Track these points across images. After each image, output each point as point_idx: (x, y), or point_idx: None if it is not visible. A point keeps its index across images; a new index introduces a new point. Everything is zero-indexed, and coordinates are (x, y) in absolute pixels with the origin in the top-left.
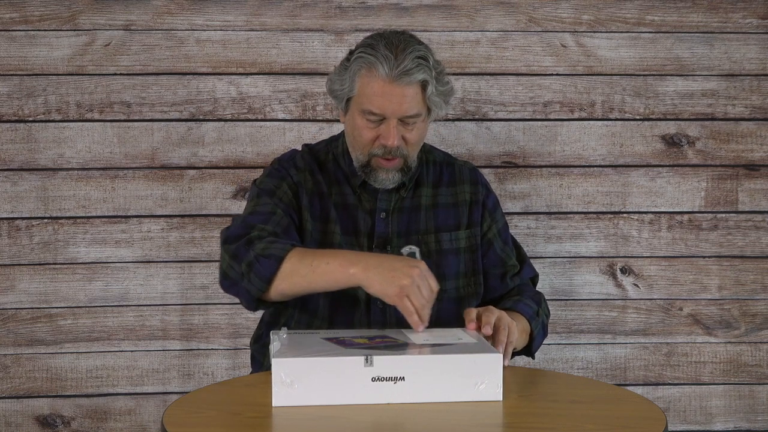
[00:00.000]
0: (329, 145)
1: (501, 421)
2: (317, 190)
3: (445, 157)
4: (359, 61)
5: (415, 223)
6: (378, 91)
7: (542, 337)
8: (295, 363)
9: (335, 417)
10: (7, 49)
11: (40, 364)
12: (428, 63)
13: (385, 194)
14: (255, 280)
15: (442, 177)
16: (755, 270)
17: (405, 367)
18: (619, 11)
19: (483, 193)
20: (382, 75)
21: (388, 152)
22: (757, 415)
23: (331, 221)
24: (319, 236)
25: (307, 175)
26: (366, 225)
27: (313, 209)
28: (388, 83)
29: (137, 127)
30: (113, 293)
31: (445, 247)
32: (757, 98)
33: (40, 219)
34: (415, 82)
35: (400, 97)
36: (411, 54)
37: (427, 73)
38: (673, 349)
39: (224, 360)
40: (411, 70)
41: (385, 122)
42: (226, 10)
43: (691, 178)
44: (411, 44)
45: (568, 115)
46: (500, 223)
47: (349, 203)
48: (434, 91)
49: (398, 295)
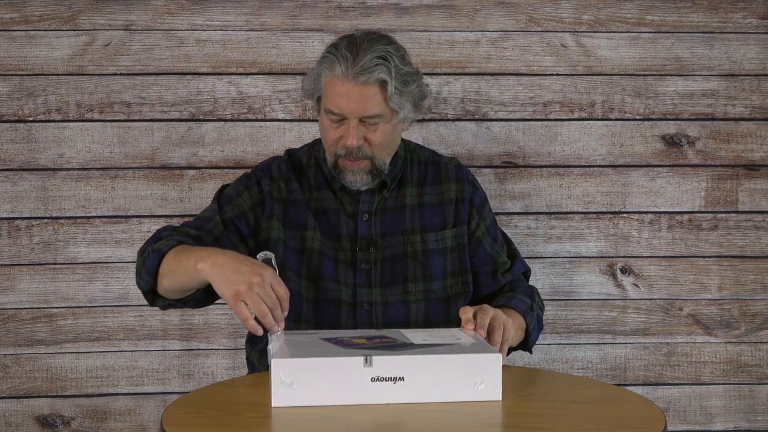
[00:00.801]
0: (312, 149)
1: (501, 421)
2: (292, 199)
3: (430, 155)
4: (323, 61)
5: (400, 223)
6: (337, 90)
7: (538, 331)
8: (295, 363)
9: (335, 417)
10: (7, 49)
11: (40, 364)
12: (389, 63)
13: (368, 195)
14: (143, 274)
15: (426, 176)
16: (755, 270)
17: (404, 367)
18: (619, 11)
19: (469, 190)
20: (339, 74)
21: (349, 153)
22: (757, 415)
23: (309, 228)
24: (296, 244)
25: (281, 185)
26: (348, 228)
27: (288, 218)
28: (346, 82)
29: (137, 127)
30: (113, 293)
31: (431, 247)
32: (757, 98)
33: (40, 219)
34: (373, 82)
35: (359, 96)
36: (371, 53)
37: (386, 73)
38: (673, 349)
39: (224, 360)
40: (369, 69)
41: (346, 122)
42: (226, 10)
43: (691, 178)
44: (375, 44)
45: (568, 115)
46: (488, 220)
47: (330, 207)
48: (395, 92)
49: (233, 298)
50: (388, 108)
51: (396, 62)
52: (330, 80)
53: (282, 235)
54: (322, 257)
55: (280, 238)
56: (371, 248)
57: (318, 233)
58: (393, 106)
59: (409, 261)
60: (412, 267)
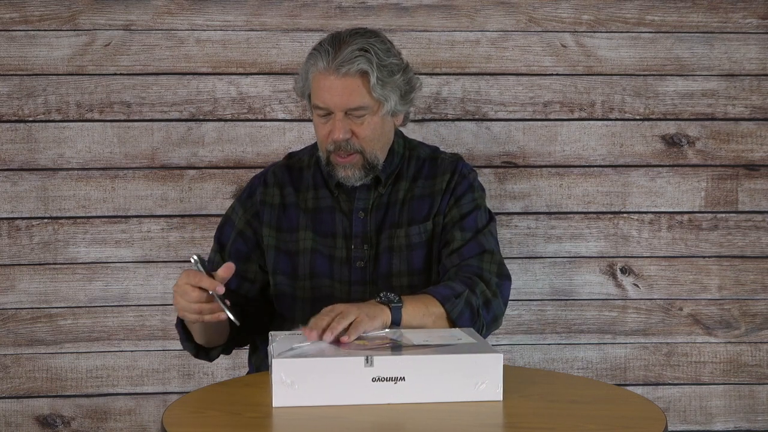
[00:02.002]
0: (313, 149)
1: (501, 422)
2: (285, 203)
3: (431, 152)
4: (309, 58)
5: (391, 217)
6: (321, 84)
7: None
8: (296, 363)
9: (335, 417)
10: (7, 49)
11: (40, 364)
12: (369, 54)
13: (363, 193)
14: (183, 343)
15: (422, 171)
16: (755, 270)
17: (405, 367)
18: (619, 11)
19: (456, 180)
20: (321, 69)
21: (338, 147)
22: (757, 415)
23: (301, 229)
24: (290, 246)
25: (275, 190)
26: (343, 226)
27: (280, 222)
28: (328, 76)
29: (137, 127)
30: (113, 293)
31: (414, 241)
32: (757, 98)
33: (40, 219)
34: (354, 73)
35: (341, 88)
36: (352, 46)
37: (366, 64)
38: (673, 349)
39: (224, 360)
40: (349, 60)
41: (333, 116)
42: (226, 10)
43: (691, 178)
44: (357, 38)
45: (568, 115)
46: (466, 208)
47: (327, 206)
48: (377, 83)
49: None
50: (372, 99)
51: (378, 53)
52: (315, 76)
53: (273, 242)
54: (316, 255)
55: (270, 244)
56: (365, 245)
57: (310, 233)
58: (377, 96)
59: (394, 256)
60: (397, 262)
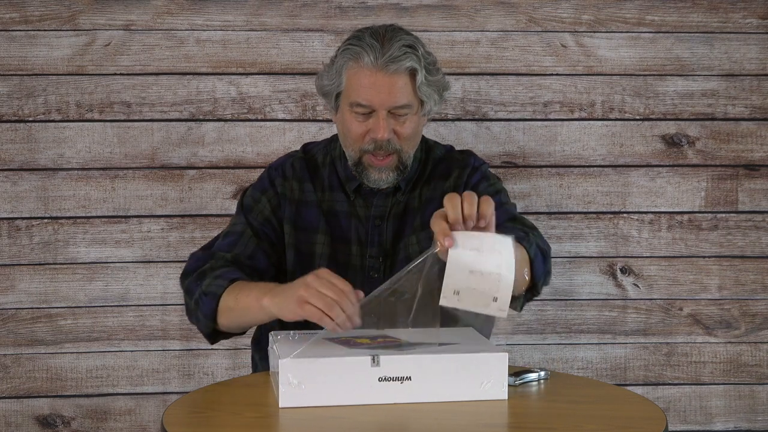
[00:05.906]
0: (328, 146)
1: (505, 422)
2: (304, 200)
3: (445, 152)
4: (345, 53)
5: (409, 226)
6: (365, 81)
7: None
8: (303, 364)
9: (342, 417)
10: (7, 49)
11: (40, 364)
12: (416, 52)
13: (380, 200)
14: (201, 318)
15: (435, 172)
16: (755, 270)
17: (412, 366)
18: (619, 11)
19: (468, 173)
20: (368, 64)
21: (378, 147)
22: (757, 415)
23: (319, 231)
24: (305, 248)
25: (294, 184)
26: (359, 233)
27: (298, 219)
28: (375, 72)
29: (137, 127)
30: (113, 293)
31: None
32: (757, 98)
33: (40, 219)
34: (403, 71)
35: (389, 86)
36: (398, 42)
37: (415, 62)
38: (673, 349)
39: (224, 360)
40: (398, 57)
41: (374, 115)
42: (226, 10)
43: (691, 178)
44: (398, 34)
45: (568, 115)
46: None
47: (342, 210)
48: (424, 81)
49: (298, 304)
50: (416, 98)
51: (422, 50)
52: (356, 72)
53: (293, 240)
54: (330, 262)
55: (290, 243)
56: (380, 257)
57: (327, 237)
58: (421, 96)
59: None
60: None
